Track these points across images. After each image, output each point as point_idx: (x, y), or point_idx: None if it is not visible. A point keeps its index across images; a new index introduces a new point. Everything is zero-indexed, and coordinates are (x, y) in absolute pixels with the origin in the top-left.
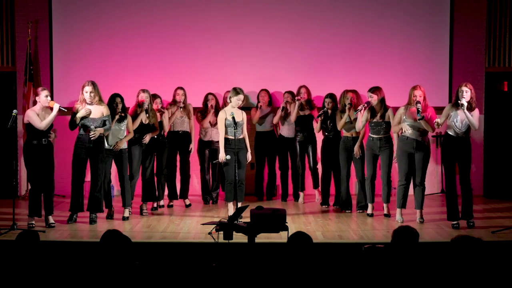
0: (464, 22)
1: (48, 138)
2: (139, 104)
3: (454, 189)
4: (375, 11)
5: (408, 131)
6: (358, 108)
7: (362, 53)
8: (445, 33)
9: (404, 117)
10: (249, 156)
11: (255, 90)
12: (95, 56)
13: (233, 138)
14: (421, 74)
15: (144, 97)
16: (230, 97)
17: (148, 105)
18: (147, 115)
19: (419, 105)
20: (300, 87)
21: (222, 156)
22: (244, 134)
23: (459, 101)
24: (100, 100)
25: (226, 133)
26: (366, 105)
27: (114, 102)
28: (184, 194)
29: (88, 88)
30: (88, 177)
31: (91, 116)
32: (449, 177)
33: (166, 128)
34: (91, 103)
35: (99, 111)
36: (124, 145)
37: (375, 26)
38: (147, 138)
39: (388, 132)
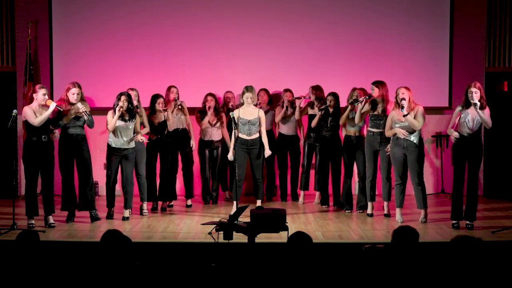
0: (464, 22)
1: (49, 135)
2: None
3: (461, 189)
4: (375, 11)
5: (404, 135)
6: (359, 99)
7: (362, 53)
8: (445, 33)
9: (394, 119)
10: (267, 152)
11: (256, 90)
12: (95, 56)
13: (247, 137)
14: (421, 74)
15: (132, 95)
16: (241, 97)
17: (137, 103)
18: (139, 111)
19: (404, 101)
20: (310, 86)
21: (230, 155)
22: (261, 132)
23: (471, 101)
24: (82, 99)
25: (240, 131)
26: (367, 97)
27: (119, 100)
28: (189, 193)
29: (75, 90)
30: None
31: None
32: (457, 177)
33: (170, 126)
34: (74, 104)
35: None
36: (132, 144)
37: (375, 26)
38: (138, 137)
39: None
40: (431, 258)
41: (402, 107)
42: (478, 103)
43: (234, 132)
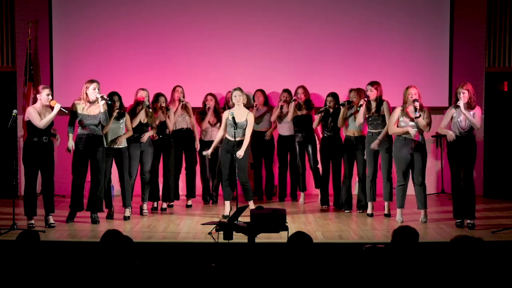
0: (464, 22)
1: (49, 137)
2: (138, 103)
3: (460, 188)
4: (375, 11)
5: (417, 137)
6: (360, 102)
7: (362, 53)
8: (445, 33)
9: (401, 118)
10: (239, 153)
11: (254, 90)
12: (95, 56)
13: (232, 139)
14: (421, 74)
15: (144, 95)
16: (230, 98)
17: (148, 104)
18: (149, 111)
19: (416, 103)
20: (298, 87)
21: (208, 150)
22: (245, 135)
23: (457, 103)
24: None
25: (227, 132)
26: (365, 99)
27: (111, 101)
28: (191, 193)
29: (96, 85)
30: (88, 177)
31: (91, 114)
32: (454, 177)
33: (171, 127)
34: (93, 101)
35: (98, 107)
36: (124, 143)
37: (375, 26)
38: (144, 137)
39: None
40: (431, 258)
41: (416, 109)
42: (462, 105)
43: (234, 132)
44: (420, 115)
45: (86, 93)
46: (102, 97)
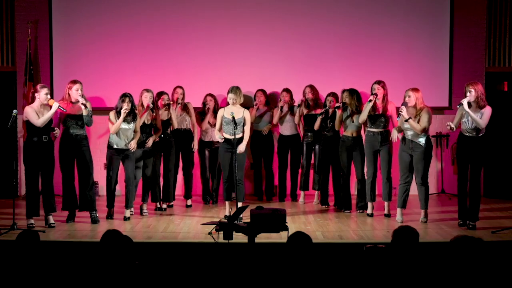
0: (464, 22)
1: (50, 135)
2: (142, 104)
3: (465, 189)
4: (375, 11)
5: (394, 139)
6: (370, 98)
7: (362, 53)
8: (445, 33)
9: (402, 120)
10: (240, 147)
11: (255, 90)
12: (95, 56)
13: (231, 137)
14: (421, 74)
15: (148, 96)
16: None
17: (152, 105)
18: (153, 114)
19: (403, 107)
20: (306, 86)
21: (217, 135)
22: (244, 132)
23: (461, 101)
24: (82, 97)
25: (224, 131)
26: (374, 95)
27: (123, 101)
28: (188, 194)
29: (78, 86)
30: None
31: (74, 114)
32: (461, 177)
33: (176, 124)
34: (76, 101)
35: (80, 108)
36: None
37: (375, 26)
38: (150, 142)
39: (388, 126)
40: (431, 258)
41: (399, 114)
42: (465, 103)
43: (234, 132)
44: (409, 118)
45: (69, 93)
46: (82, 98)
